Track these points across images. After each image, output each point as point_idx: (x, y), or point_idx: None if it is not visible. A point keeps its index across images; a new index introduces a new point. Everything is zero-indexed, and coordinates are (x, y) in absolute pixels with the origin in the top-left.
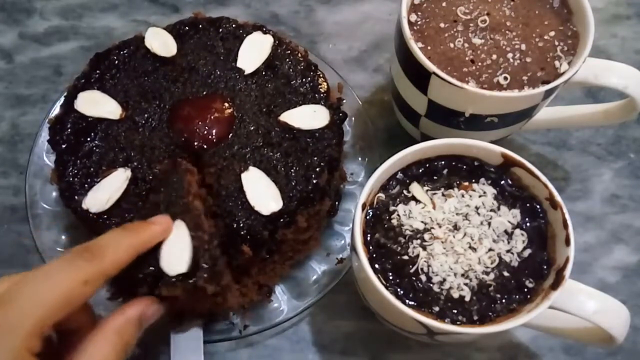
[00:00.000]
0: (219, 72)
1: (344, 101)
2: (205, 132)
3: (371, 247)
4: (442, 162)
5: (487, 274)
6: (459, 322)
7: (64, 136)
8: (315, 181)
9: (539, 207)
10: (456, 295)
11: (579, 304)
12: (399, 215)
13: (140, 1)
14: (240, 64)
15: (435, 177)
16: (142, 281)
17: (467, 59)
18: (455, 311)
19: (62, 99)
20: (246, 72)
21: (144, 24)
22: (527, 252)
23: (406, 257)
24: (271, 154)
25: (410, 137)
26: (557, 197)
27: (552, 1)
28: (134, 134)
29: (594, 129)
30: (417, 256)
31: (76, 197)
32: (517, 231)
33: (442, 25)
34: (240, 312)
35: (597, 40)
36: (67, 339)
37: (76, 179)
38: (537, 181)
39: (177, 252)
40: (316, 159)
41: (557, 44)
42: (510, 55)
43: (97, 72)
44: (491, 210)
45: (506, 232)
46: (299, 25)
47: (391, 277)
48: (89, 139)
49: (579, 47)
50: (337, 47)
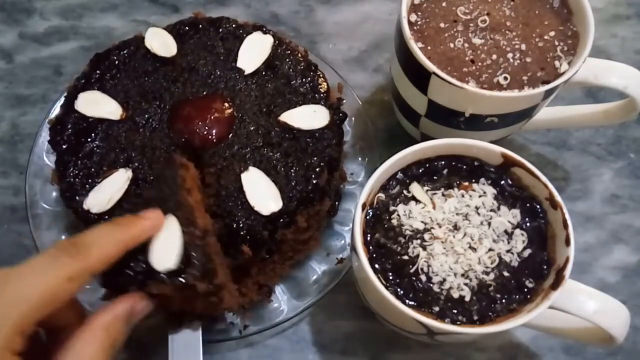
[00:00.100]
0: (219, 72)
1: (344, 101)
2: (205, 132)
3: (371, 247)
4: (442, 162)
5: (487, 274)
6: (459, 322)
7: (64, 137)
8: (315, 181)
9: (539, 207)
10: (456, 295)
11: (579, 304)
12: (399, 215)
13: (140, 1)
14: (240, 64)
15: (435, 177)
16: (132, 278)
17: (467, 59)
18: (455, 311)
19: (62, 99)
20: (246, 72)
21: (144, 24)
22: (527, 252)
23: (406, 257)
24: (271, 154)
25: (410, 137)
26: (557, 197)
27: (552, 1)
28: (134, 135)
29: (594, 129)
30: (417, 256)
31: (77, 198)
32: (517, 231)
33: (442, 25)
34: (240, 312)
35: (597, 40)
36: (55, 336)
37: (77, 180)
38: (537, 181)
39: (167, 248)
40: (316, 159)
41: (557, 44)
42: (510, 55)
43: (97, 72)
44: (491, 210)
45: (506, 232)
46: (299, 25)
47: (391, 277)
48: (89, 140)
49: (579, 47)
50: (337, 47)
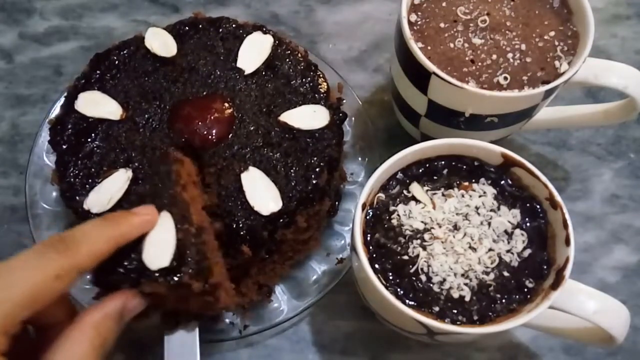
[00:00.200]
0: (219, 72)
1: (344, 101)
2: (205, 132)
3: (371, 247)
4: (442, 162)
5: (487, 274)
6: (459, 322)
7: (64, 137)
8: (315, 181)
9: (539, 207)
10: (456, 295)
11: (579, 304)
12: (399, 215)
13: (140, 1)
14: (240, 64)
15: (435, 177)
16: (124, 276)
17: (467, 59)
18: (455, 311)
19: (63, 100)
20: (246, 72)
21: (144, 24)
22: (527, 252)
23: (406, 257)
24: (271, 154)
25: (410, 137)
26: (557, 197)
27: (552, 1)
28: (134, 135)
29: (594, 129)
30: (417, 256)
31: (77, 198)
32: (517, 231)
33: (442, 25)
34: (240, 312)
35: (597, 40)
36: (44, 333)
37: (77, 180)
38: (537, 181)
39: (161, 245)
40: (316, 159)
41: (557, 44)
42: (510, 55)
43: (97, 72)
44: (491, 210)
45: (506, 232)
46: (299, 25)
47: (391, 277)
48: (89, 140)
49: (579, 47)
50: (337, 47)
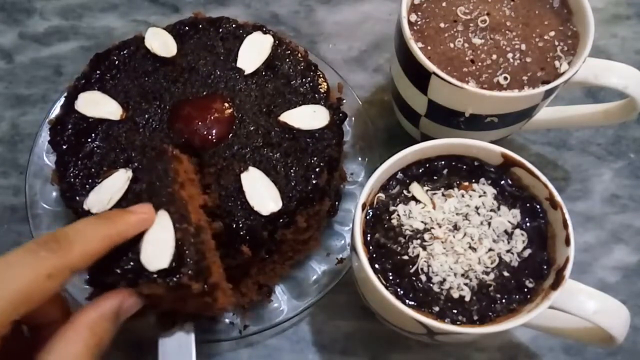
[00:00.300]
0: (219, 72)
1: (344, 101)
2: (205, 132)
3: (371, 247)
4: (442, 162)
5: (487, 274)
6: (459, 322)
7: (64, 137)
8: (315, 181)
9: (539, 207)
10: (456, 295)
11: (579, 304)
12: (399, 215)
13: (140, 1)
14: (240, 64)
15: (435, 177)
16: (121, 277)
17: (467, 59)
18: (455, 311)
19: (63, 100)
20: (246, 72)
21: (144, 24)
22: (527, 252)
23: (406, 257)
24: (271, 154)
25: (410, 137)
26: (557, 197)
27: (552, 1)
28: (134, 135)
29: (594, 129)
30: (417, 256)
31: (77, 198)
32: (517, 231)
33: (442, 25)
34: (240, 312)
35: (597, 40)
36: (38, 332)
37: (77, 180)
38: (537, 181)
39: (159, 246)
40: (316, 159)
41: (557, 44)
42: (510, 55)
43: (98, 72)
44: (491, 210)
45: (506, 232)
46: (299, 25)
47: (391, 277)
48: (89, 140)
49: (579, 47)
50: (337, 47)
